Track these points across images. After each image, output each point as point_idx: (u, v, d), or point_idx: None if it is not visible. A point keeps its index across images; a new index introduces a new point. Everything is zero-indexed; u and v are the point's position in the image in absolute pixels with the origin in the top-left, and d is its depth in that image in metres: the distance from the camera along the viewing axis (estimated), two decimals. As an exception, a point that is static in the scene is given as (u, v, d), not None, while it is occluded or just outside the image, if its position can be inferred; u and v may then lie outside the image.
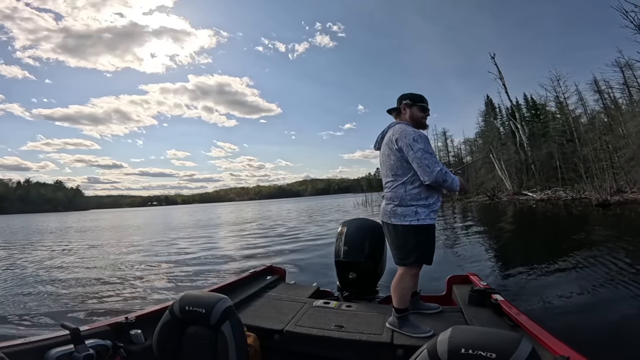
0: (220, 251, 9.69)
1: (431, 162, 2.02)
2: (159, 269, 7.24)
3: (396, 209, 2.13)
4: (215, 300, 1.62)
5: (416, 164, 2.04)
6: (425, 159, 2.02)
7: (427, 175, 2.02)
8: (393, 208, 2.14)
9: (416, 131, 2.12)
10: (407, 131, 2.10)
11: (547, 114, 33.43)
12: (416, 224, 2.07)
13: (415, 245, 2.09)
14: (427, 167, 2.02)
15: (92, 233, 19.93)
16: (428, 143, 2.09)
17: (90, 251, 11.09)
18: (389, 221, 2.18)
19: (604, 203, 15.55)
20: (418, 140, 2.05)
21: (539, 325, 1.77)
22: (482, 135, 39.73)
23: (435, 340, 1.05)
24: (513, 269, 5.64)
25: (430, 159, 2.03)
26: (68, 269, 7.72)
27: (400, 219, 2.10)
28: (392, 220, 2.15)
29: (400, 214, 2.10)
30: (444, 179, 2.04)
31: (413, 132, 2.10)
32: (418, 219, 2.07)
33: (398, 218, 2.11)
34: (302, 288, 3.12)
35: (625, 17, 20.42)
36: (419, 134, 2.10)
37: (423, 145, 2.04)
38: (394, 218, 2.13)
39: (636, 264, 5.14)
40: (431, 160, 2.03)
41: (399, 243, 2.16)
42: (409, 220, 2.08)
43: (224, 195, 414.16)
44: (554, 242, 7.89)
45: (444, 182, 2.05)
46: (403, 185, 2.12)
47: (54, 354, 1.38)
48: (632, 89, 25.35)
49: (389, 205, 2.18)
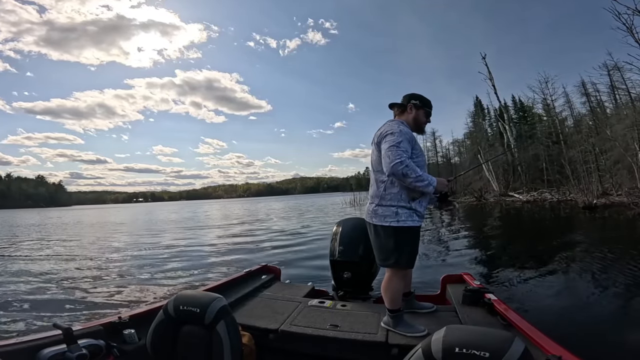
0: (214, 250, 9.60)
1: (394, 154, 1.91)
2: (151, 268, 7.12)
3: (377, 208, 2.09)
4: (210, 300, 1.62)
5: (382, 156, 1.99)
6: (390, 150, 1.94)
7: (386, 166, 1.94)
8: (374, 208, 2.11)
9: (400, 127, 2.05)
10: (392, 126, 2.06)
11: (534, 116, 33.95)
12: (396, 225, 2.02)
13: (395, 247, 2.03)
14: (387, 157, 1.93)
15: (79, 230, 19.50)
16: (407, 140, 2.00)
17: (81, 249, 10.86)
18: (370, 221, 2.15)
19: (591, 205, 15.64)
20: (395, 134, 1.98)
21: (531, 325, 1.79)
22: (471, 136, 40.15)
23: (429, 340, 1.07)
24: (506, 268, 5.71)
25: (395, 151, 1.92)
26: (58, 268, 7.56)
27: (381, 219, 2.07)
28: (373, 221, 2.12)
29: (381, 214, 2.07)
30: (404, 172, 1.89)
31: (397, 127, 2.04)
32: (398, 220, 2.03)
33: (378, 218, 2.08)
34: (297, 287, 3.11)
35: (618, 19, 20.70)
36: (402, 130, 2.02)
37: (397, 139, 1.96)
38: (375, 218, 2.10)
39: (626, 266, 5.25)
40: (396, 152, 1.92)
41: (379, 244, 2.12)
42: (389, 221, 2.04)
43: (212, 192, 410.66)
44: (545, 243, 8.00)
45: (404, 176, 1.91)
46: (383, 184, 2.08)
47: (47, 354, 1.36)
48: (621, 90, 25.91)
49: (372, 204, 2.15)
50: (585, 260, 5.88)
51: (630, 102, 24.28)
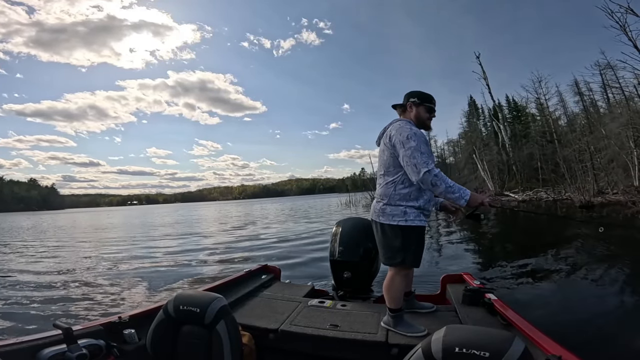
0: (214, 250, 9.56)
1: (420, 162, 1.91)
2: (151, 268, 7.11)
3: (385, 207, 2.10)
4: (210, 300, 1.62)
5: (405, 162, 1.97)
6: (414, 157, 1.93)
7: (415, 175, 1.93)
8: (382, 207, 2.11)
9: (413, 129, 2.04)
10: (404, 128, 2.04)
11: (528, 115, 34.17)
12: (404, 224, 2.03)
13: (401, 246, 2.04)
14: (414, 166, 1.93)
15: (77, 232, 19.37)
16: (424, 142, 2.00)
17: (80, 250, 10.81)
18: (377, 219, 2.15)
19: (588, 204, 15.59)
20: (412, 138, 1.96)
21: (531, 325, 1.79)
22: (465, 136, 40.27)
23: (429, 340, 1.08)
24: (506, 268, 5.71)
25: (420, 158, 1.92)
26: (58, 268, 7.53)
27: (388, 218, 2.07)
28: (380, 219, 2.13)
29: (389, 213, 2.07)
30: (434, 182, 1.89)
31: (409, 129, 2.02)
32: (406, 220, 2.03)
33: (386, 217, 2.08)
34: (297, 287, 3.11)
35: (611, 17, 20.89)
36: (415, 132, 2.02)
37: (416, 144, 1.95)
38: (382, 217, 2.11)
39: (626, 266, 5.27)
40: (421, 159, 1.92)
41: (385, 243, 2.12)
42: (397, 220, 2.04)
43: (207, 194, 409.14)
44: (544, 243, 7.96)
45: (433, 186, 1.91)
46: (393, 184, 2.08)
47: (47, 354, 1.36)
48: (614, 89, 26.10)
49: (379, 203, 2.15)
50: (585, 259, 5.87)
51: (625, 100, 24.48)
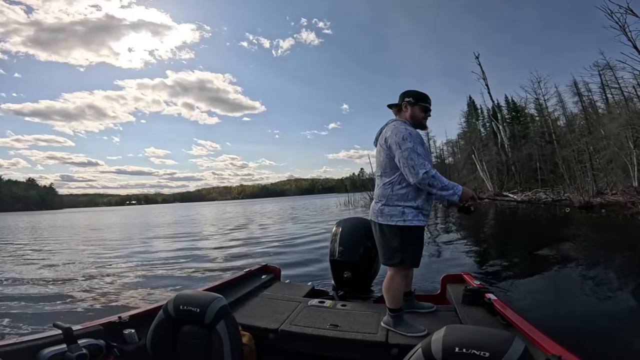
0: (214, 250, 9.56)
1: (418, 163, 1.94)
2: (151, 268, 7.09)
3: (383, 208, 2.10)
4: (210, 300, 1.62)
5: (402, 164, 1.99)
6: (411, 159, 1.95)
7: (412, 176, 1.95)
8: (381, 207, 2.12)
9: (408, 129, 2.05)
10: (399, 129, 2.05)
11: (527, 116, 34.18)
12: (402, 224, 2.04)
13: (400, 246, 2.05)
14: (412, 167, 1.94)
15: (76, 232, 19.33)
16: (420, 143, 2.01)
17: (80, 250, 10.78)
18: (376, 220, 2.16)
19: (587, 205, 15.53)
20: (407, 139, 1.97)
21: (531, 324, 1.79)
22: (464, 136, 40.25)
23: (429, 340, 1.08)
24: (506, 268, 5.71)
25: (417, 159, 1.94)
26: (58, 268, 7.52)
27: (387, 218, 2.08)
28: (378, 220, 2.13)
29: (387, 213, 2.08)
30: (431, 183, 1.93)
31: (405, 130, 2.03)
32: (405, 220, 2.04)
33: (384, 217, 2.09)
34: (297, 287, 3.12)
35: (610, 17, 20.83)
36: (410, 132, 2.03)
37: (412, 145, 1.96)
38: (381, 217, 2.11)
39: (628, 266, 5.27)
40: (418, 161, 1.94)
41: (384, 243, 2.13)
42: (395, 220, 2.05)
43: (206, 194, 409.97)
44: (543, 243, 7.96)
45: (430, 186, 1.95)
46: (391, 185, 2.09)
47: (47, 354, 1.35)
48: (613, 89, 26.06)
49: (378, 203, 2.16)
50: (585, 260, 5.88)
51: (624, 101, 24.48)
